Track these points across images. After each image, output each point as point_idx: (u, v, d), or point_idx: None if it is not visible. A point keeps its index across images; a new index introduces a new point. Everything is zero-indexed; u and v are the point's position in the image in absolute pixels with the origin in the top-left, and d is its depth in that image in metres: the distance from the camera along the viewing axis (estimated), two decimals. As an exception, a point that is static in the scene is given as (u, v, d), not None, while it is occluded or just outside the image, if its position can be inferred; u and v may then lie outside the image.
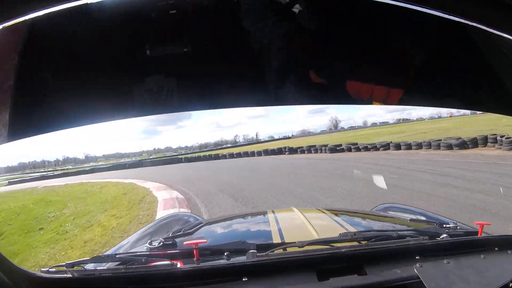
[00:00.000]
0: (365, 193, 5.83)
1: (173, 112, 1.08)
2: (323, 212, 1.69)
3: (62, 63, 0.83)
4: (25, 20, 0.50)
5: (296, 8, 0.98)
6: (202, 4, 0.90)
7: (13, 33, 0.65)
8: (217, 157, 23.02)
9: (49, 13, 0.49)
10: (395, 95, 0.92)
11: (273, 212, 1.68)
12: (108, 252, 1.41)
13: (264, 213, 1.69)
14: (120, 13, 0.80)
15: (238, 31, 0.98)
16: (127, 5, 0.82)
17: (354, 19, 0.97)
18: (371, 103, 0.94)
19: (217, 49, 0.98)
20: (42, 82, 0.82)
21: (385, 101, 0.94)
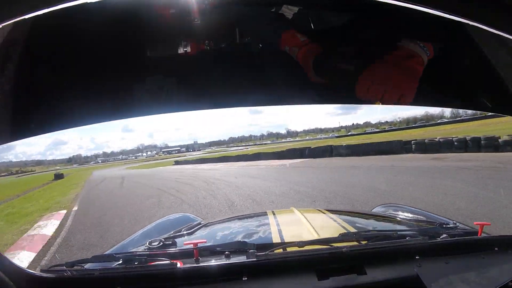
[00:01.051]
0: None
1: (173, 112, 1.08)
2: (323, 212, 1.69)
3: (62, 62, 0.83)
4: (25, 20, 0.49)
5: (296, 9, 0.98)
6: (202, 4, 0.90)
7: (14, 32, 0.65)
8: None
9: (49, 12, 0.49)
10: (396, 95, 0.92)
11: (273, 212, 1.68)
12: (108, 252, 1.41)
13: (264, 214, 1.69)
14: (120, 13, 0.80)
15: (238, 31, 0.98)
16: (127, 5, 0.82)
17: (354, 19, 0.97)
18: (371, 103, 0.94)
19: (217, 49, 0.98)
20: (42, 82, 0.82)
21: (385, 101, 0.94)
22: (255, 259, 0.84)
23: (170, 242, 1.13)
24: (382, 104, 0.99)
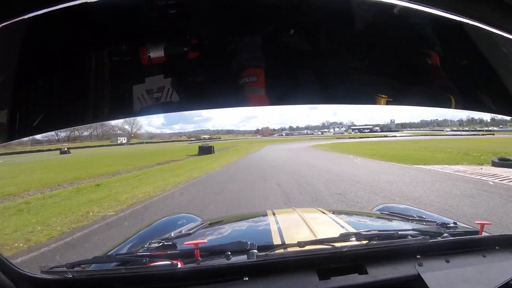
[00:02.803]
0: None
1: (173, 112, 1.08)
2: (323, 212, 1.69)
3: (62, 63, 0.83)
4: (25, 20, 0.49)
5: (295, 9, 0.98)
6: (202, 4, 0.90)
7: (13, 33, 0.65)
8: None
9: (49, 13, 0.49)
10: (396, 95, 0.92)
11: (273, 212, 1.68)
12: (108, 253, 1.40)
13: (264, 214, 1.69)
14: (120, 13, 0.80)
15: (238, 31, 0.98)
16: (127, 5, 0.82)
17: (354, 19, 0.97)
18: (372, 103, 0.94)
19: (217, 49, 0.98)
20: (42, 82, 0.82)
21: (386, 101, 0.94)
22: (255, 259, 0.84)
23: (171, 243, 1.13)
24: (382, 104, 1.00)
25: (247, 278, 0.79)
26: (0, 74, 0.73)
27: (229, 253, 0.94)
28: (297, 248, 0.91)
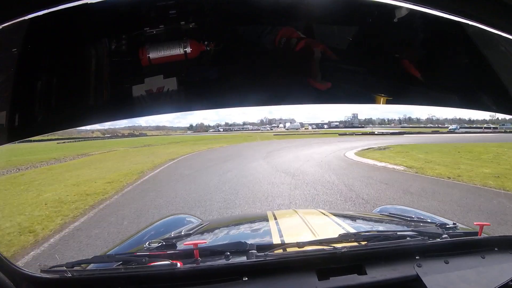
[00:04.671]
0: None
1: (173, 112, 1.08)
2: (323, 213, 1.69)
3: (62, 63, 0.83)
4: (25, 20, 0.49)
5: (295, 11, 0.98)
6: (202, 4, 0.90)
7: (13, 33, 0.65)
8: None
9: (49, 13, 0.49)
10: (396, 95, 0.92)
11: (273, 213, 1.68)
12: (108, 253, 1.41)
13: (264, 215, 1.69)
14: (120, 13, 0.80)
15: (238, 31, 0.98)
16: (127, 6, 0.82)
17: (354, 19, 0.97)
18: (372, 103, 0.94)
19: (217, 49, 0.98)
20: (42, 82, 0.82)
21: (386, 101, 0.94)
22: (255, 260, 0.84)
23: (170, 243, 1.13)
24: (382, 104, 1.00)
25: (246, 278, 0.79)
26: (1, 74, 0.73)
27: (229, 253, 0.94)
28: (297, 249, 0.91)
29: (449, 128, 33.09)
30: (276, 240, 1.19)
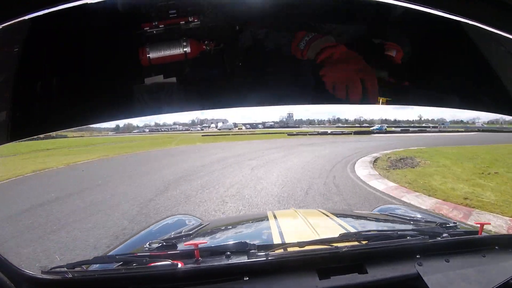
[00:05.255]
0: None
1: (173, 112, 1.08)
2: (323, 213, 1.69)
3: (62, 63, 0.83)
4: (25, 20, 0.49)
5: (294, 10, 0.98)
6: (202, 4, 0.90)
7: (13, 33, 0.65)
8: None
9: (49, 13, 0.49)
10: (396, 95, 0.92)
11: (273, 213, 1.68)
12: (109, 253, 1.40)
13: (265, 215, 1.69)
14: (120, 13, 0.80)
15: (238, 31, 0.98)
16: (127, 5, 0.82)
17: (354, 18, 0.97)
18: (372, 103, 0.94)
19: (217, 49, 0.98)
20: (42, 82, 0.82)
21: (386, 101, 0.94)
22: (256, 259, 0.84)
23: (171, 243, 1.13)
24: (382, 104, 1.00)
25: (247, 278, 0.79)
26: (1, 74, 0.73)
27: (229, 253, 0.94)
28: (297, 248, 0.91)
29: (371, 128, 31.77)
30: (276, 240, 1.19)
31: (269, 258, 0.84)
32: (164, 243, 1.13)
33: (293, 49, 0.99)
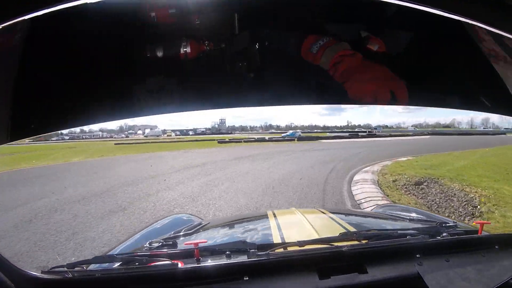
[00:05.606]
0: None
1: (173, 112, 1.08)
2: (323, 212, 1.69)
3: (62, 63, 0.83)
4: (25, 20, 0.49)
5: (294, 10, 0.98)
6: (202, 3, 0.90)
7: (13, 33, 0.65)
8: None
9: (49, 13, 0.49)
10: (396, 95, 0.92)
11: (273, 212, 1.68)
12: (109, 253, 1.41)
13: (264, 214, 1.69)
14: (120, 13, 0.80)
15: (238, 31, 0.98)
16: (127, 5, 0.82)
17: (354, 18, 0.97)
18: (372, 103, 0.94)
19: (217, 49, 0.98)
20: (42, 82, 0.82)
21: (385, 101, 0.94)
22: (256, 259, 0.84)
23: (171, 243, 1.13)
24: (382, 104, 1.00)
25: (247, 278, 0.79)
26: (1, 74, 0.73)
27: (229, 252, 0.94)
28: (297, 248, 0.91)
29: (282, 135, 30.87)
30: (276, 239, 1.19)
31: (269, 257, 0.84)
32: (164, 243, 1.13)
33: (303, 52, 0.98)
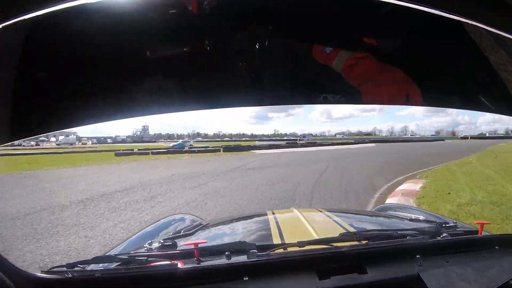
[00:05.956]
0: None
1: (173, 112, 1.08)
2: (323, 212, 1.69)
3: (62, 63, 0.83)
4: (25, 20, 0.49)
5: (294, 9, 0.98)
6: (202, 3, 0.90)
7: (13, 33, 0.65)
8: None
9: (49, 13, 0.49)
10: (396, 95, 0.92)
11: (273, 212, 1.68)
12: (108, 253, 1.41)
13: (264, 214, 1.69)
14: (120, 12, 0.80)
15: (238, 31, 0.98)
16: (127, 5, 0.82)
17: (353, 18, 0.97)
18: (371, 103, 0.94)
19: (217, 49, 0.98)
20: (42, 82, 0.82)
21: (385, 101, 0.94)
22: (255, 259, 0.84)
23: (171, 243, 1.13)
24: (382, 104, 1.00)
25: (247, 278, 0.79)
26: (1, 74, 0.73)
27: (229, 253, 0.94)
28: (297, 248, 0.91)
29: (171, 144, 26.62)
30: (276, 239, 1.19)
31: (269, 258, 0.84)
32: (164, 243, 1.13)
33: (315, 51, 0.98)
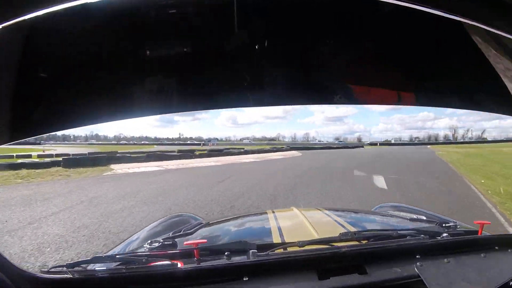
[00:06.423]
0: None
1: (173, 112, 1.08)
2: (323, 211, 1.69)
3: (62, 63, 0.83)
4: (25, 20, 0.49)
5: (294, 9, 0.98)
6: (202, 3, 0.90)
7: (13, 33, 0.65)
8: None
9: (49, 13, 0.49)
10: (395, 95, 0.92)
11: (273, 212, 1.68)
12: (108, 253, 1.41)
13: (264, 213, 1.69)
14: (120, 12, 0.80)
15: (238, 30, 0.98)
16: (127, 5, 0.82)
17: (353, 19, 0.97)
18: (371, 103, 0.94)
19: (217, 49, 0.98)
20: (42, 82, 0.82)
21: (385, 101, 0.94)
22: (255, 259, 0.84)
23: (171, 242, 1.13)
24: (382, 104, 1.00)
25: (246, 278, 0.79)
26: (1, 74, 0.73)
27: (229, 253, 0.94)
28: (297, 248, 0.91)
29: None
30: (276, 239, 1.19)
31: (269, 258, 0.84)
32: (164, 243, 1.13)
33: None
